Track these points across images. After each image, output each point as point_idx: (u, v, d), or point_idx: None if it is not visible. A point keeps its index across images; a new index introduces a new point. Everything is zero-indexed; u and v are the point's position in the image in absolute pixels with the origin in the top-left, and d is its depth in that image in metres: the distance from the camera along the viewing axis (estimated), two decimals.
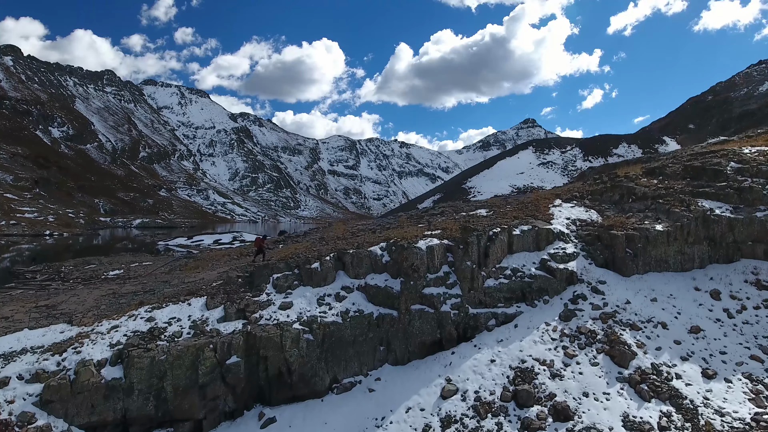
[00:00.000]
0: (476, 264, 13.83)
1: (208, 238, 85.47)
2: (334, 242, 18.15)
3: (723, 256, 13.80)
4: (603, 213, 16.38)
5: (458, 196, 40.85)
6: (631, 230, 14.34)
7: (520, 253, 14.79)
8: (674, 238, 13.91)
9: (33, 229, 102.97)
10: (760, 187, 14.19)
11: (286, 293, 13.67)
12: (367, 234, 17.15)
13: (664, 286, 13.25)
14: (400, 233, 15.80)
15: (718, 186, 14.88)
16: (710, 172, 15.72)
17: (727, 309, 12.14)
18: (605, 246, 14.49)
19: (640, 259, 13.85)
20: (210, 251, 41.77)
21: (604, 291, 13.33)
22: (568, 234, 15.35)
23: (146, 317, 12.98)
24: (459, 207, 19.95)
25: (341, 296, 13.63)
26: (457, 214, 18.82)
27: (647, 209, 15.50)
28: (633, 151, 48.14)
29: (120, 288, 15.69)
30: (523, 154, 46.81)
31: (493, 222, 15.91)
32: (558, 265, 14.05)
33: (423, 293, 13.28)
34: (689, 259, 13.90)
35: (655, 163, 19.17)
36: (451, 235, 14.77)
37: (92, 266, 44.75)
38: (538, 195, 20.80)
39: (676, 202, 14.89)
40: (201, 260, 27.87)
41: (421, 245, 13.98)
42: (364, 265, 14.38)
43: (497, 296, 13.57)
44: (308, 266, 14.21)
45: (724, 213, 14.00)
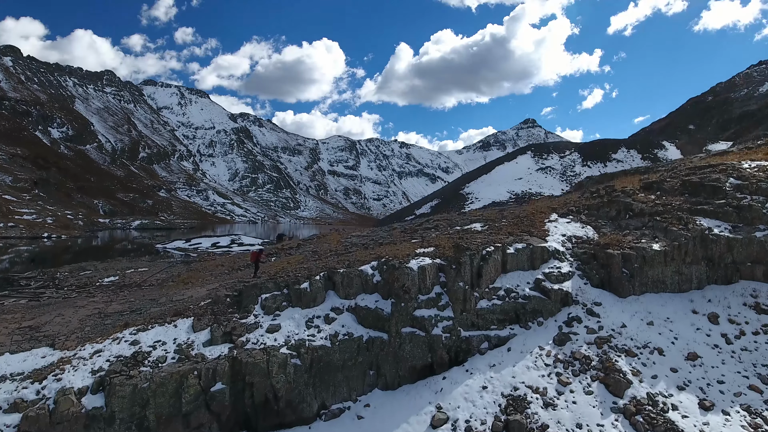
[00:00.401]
0: (469, 285, 13.52)
1: (206, 240, 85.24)
2: (326, 258, 17.86)
3: (721, 277, 13.49)
4: (599, 230, 16.06)
5: (456, 203, 40.53)
6: (627, 249, 14.03)
7: (515, 272, 14.48)
8: (671, 257, 13.59)
9: (31, 231, 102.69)
10: (760, 205, 13.86)
11: (274, 315, 13.36)
12: (359, 250, 16.84)
13: (660, 309, 12.93)
14: (392, 250, 15.50)
15: (717, 203, 14.56)
16: (709, 189, 15.39)
17: (726, 334, 11.83)
18: (601, 265, 14.18)
19: (637, 280, 13.54)
20: (205, 260, 41.42)
21: (600, 313, 13.02)
22: (563, 252, 15.04)
23: (130, 340, 12.68)
24: (454, 220, 19.64)
25: (331, 318, 13.33)
26: (452, 228, 18.52)
27: (644, 226, 15.18)
28: (632, 156, 47.76)
29: (106, 307, 15.41)
30: (522, 159, 46.43)
31: (487, 239, 15.60)
32: (553, 286, 13.74)
33: (414, 316, 12.98)
34: (687, 279, 13.59)
35: (653, 177, 18.84)
36: (443, 254, 14.47)
37: (87, 272, 44.50)
38: (534, 207, 20.49)
39: (674, 220, 14.57)
40: (194, 271, 27.58)
41: (413, 265, 13.68)
42: (355, 285, 14.07)
43: (490, 318, 13.26)
44: (297, 286, 13.90)
45: (722, 232, 13.68)
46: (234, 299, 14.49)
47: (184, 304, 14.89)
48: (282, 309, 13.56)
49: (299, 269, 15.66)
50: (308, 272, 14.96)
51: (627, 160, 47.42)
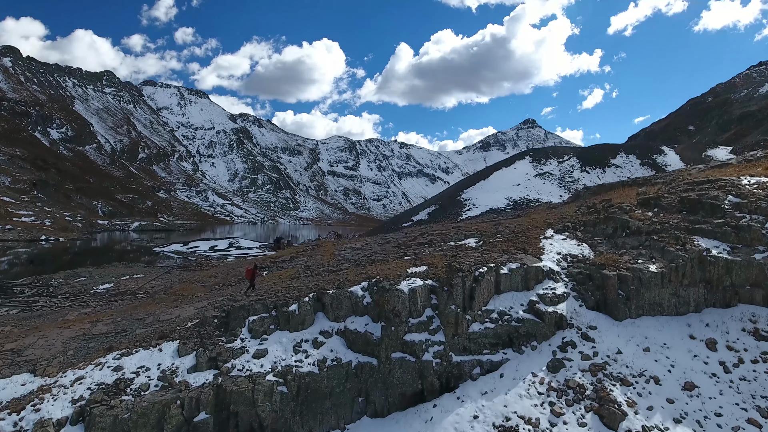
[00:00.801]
0: (461, 307, 13.20)
1: (204, 244, 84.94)
2: (318, 273, 17.55)
3: (720, 300, 13.16)
4: (595, 248, 15.74)
5: (453, 209, 40.21)
6: (623, 270, 13.71)
7: (508, 293, 14.16)
8: (669, 279, 13.27)
9: (29, 234, 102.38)
10: (759, 226, 13.54)
11: (261, 339, 13.04)
12: (350, 268, 16.53)
13: (657, 333, 12.61)
14: (383, 269, 15.19)
15: (716, 223, 14.23)
16: (707, 206, 15.06)
17: (724, 362, 11.50)
18: (597, 287, 13.86)
19: (633, 302, 13.22)
20: (199, 268, 41.05)
21: (595, 338, 12.70)
22: (558, 272, 14.72)
23: (113, 366, 12.37)
24: (448, 234, 19.32)
25: (319, 342, 13.01)
26: (445, 244, 18.20)
27: (641, 246, 14.85)
28: (631, 162, 47.39)
29: (91, 328, 15.09)
30: (520, 165, 46.09)
31: (480, 257, 15.28)
32: (547, 308, 13.42)
33: (404, 340, 12.66)
34: (684, 302, 13.26)
35: (651, 191, 18.50)
36: (435, 274, 14.15)
37: (82, 279, 44.23)
38: (530, 221, 20.17)
39: (671, 240, 14.25)
40: (186, 283, 27.26)
41: (404, 287, 13.37)
42: (344, 307, 13.75)
43: (483, 342, 12.94)
44: (286, 309, 13.58)
45: (721, 254, 13.36)
46: (221, 320, 14.17)
47: (170, 325, 14.58)
48: (269, 333, 13.24)
49: (289, 288, 15.34)
50: (297, 292, 14.64)
51: (626, 166, 47.04)
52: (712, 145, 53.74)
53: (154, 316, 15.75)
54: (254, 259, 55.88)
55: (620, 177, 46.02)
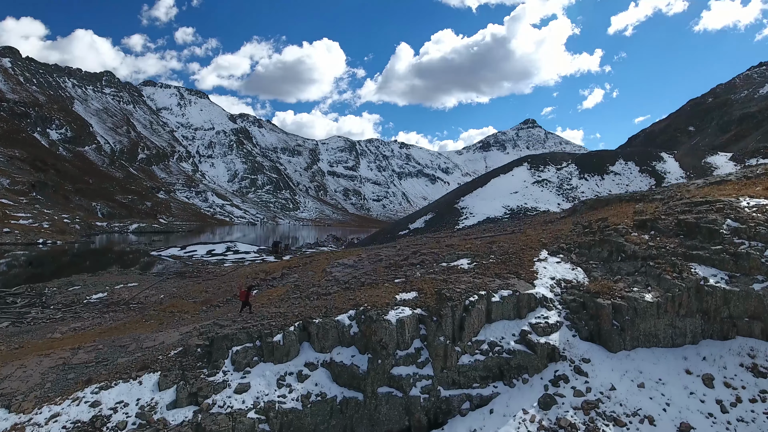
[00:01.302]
0: (450, 339, 12.80)
1: (201, 248, 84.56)
2: (307, 296, 17.16)
3: (717, 332, 12.76)
4: (590, 272, 15.33)
5: (450, 217, 39.79)
6: (618, 298, 13.30)
7: (500, 321, 13.76)
8: (665, 310, 12.87)
9: (26, 237, 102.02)
10: (758, 254, 13.12)
11: (244, 371, 12.64)
12: (339, 293, 16.12)
13: (652, 368, 12.21)
14: (371, 295, 14.80)
15: (713, 249, 13.81)
16: (705, 231, 14.65)
17: (721, 401, 11.09)
18: (591, 316, 13.45)
19: (628, 334, 12.82)
20: (194, 275, 40.48)
21: (588, 372, 12.30)
22: (551, 299, 14.31)
23: (91, 401, 11.99)
24: (440, 255, 18.91)
25: (304, 375, 12.61)
26: (437, 265, 17.82)
27: (636, 272, 14.45)
28: (630, 169, 46.91)
29: (72, 357, 14.69)
30: (518, 171, 45.65)
31: (472, 282, 14.88)
32: (539, 339, 13.02)
33: (391, 374, 12.26)
34: (681, 333, 12.86)
35: (649, 209, 18.08)
36: (425, 302, 13.76)
37: (76, 288, 43.83)
38: (526, 239, 19.77)
39: (668, 266, 13.84)
40: (177, 298, 26.85)
41: (392, 317, 12.97)
42: (331, 337, 13.36)
43: (472, 375, 12.54)
44: (270, 339, 13.18)
45: (718, 283, 12.95)
46: (205, 350, 13.78)
47: (153, 354, 14.20)
48: (253, 365, 12.84)
49: (275, 315, 14.94)
50: (283, 320, 14.25)
51: (625, 173, 46.59)
52: (712, 151, 53.25)
53: (137, 343, 15.36)
54: (250, 267, 55.44)
55: (619, 184, 45.64)
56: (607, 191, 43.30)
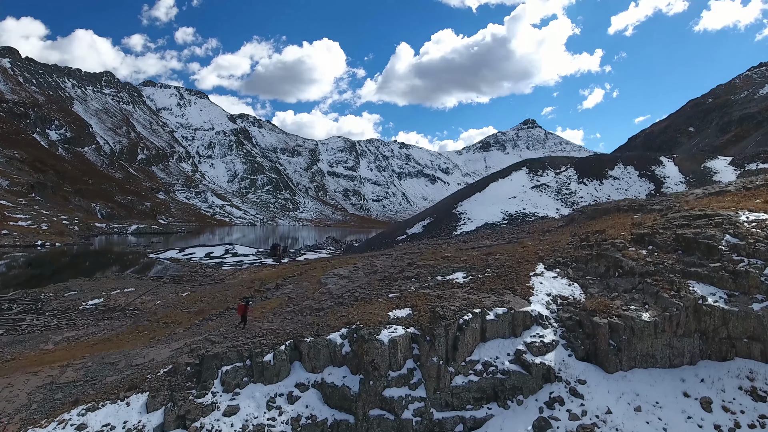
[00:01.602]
0: (444, 359, 12.57)
1: (200, 251, 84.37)
2: (300, 310, 16.93)
3: (716, 353, 12.52)
4: (587, 289, 15.10)
5: (448, 223, 39.55)
6: (615, 317, 13.07)
7: (494, 340, 13.52)
8: (662, 329, 12.63)
9: (25, 239, 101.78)
10: (757, 272, 12.88)
11: (233, 393, 12.41)
12: (333, 308, 15.90)
13: (649, 390, 11.97)
14: (365, 312, 14.57)
15: (712, 267, 13.57)
16: (703, 247, 14.41)
17: (719, 426, 10.87)
18: (587, 335, 13.22)
19: (625, 354, 12.58)
20: (190, 279, 40.12)
21: (584, 394, 12.06)
22: (547, 317, 14.08)
23: (77, 423, 11.77)
24: (436, 267, 18.68)
25: (294, 397, 12.38)
26: (433, 279, 17.59)
27: (634, 289, 14.21)
28: (629, 173, 46.63)
29: (60, 375, 14.45)
30: (516, 176, 45.39)
31: (466, 298, 14.66)
32: (534, 359, 12.78)
33: (383, 396, 12.03)
34: (678, 354, 12.62)
35: (647, 222, 17.85)
36: (418, 321, 13.53)
37: (72, 293, 43.58)
38: (523, 251, 19.54)
39: (666, 284, 13.61)
40: (171, 308, 26.61)
41: (384, 337, 12.74)
42: (323, 356, 13.13)
43: (466, 397, 12.31)
44: (260, 359, 12.95)
45: (717, 302, 12.71)
46: (194, 369, 13.54)
47: (142, 372, 13.96)
48: (242, 386, 12.61)
49: (267, 332, 14.70)
50: (275, 337, 14.02)
51: (624, 178, 46.30)
52: (711, 155, 53.01)
53: (126, 360, 15.12)
54: (248, 271, 55.14)
55: (618, 189, 45.42)
56: (606, 196, 43.08)
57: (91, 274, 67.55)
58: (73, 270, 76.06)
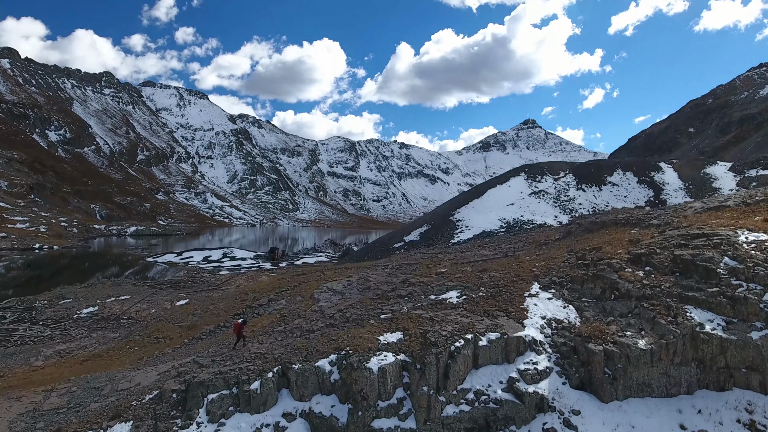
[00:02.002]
0: (434, 388, 12.26)
1: (198, 254, 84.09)
2: (291, 329, 16.62)
3: (713, 382, 12.20)
4: (582, 312, 14.78)
5: (445, 230, 39.23)
6: (611, 343, 12.76)
7: (487, 367, 13.21)
8: (659, 357, 12.32)
9: (23, 242, 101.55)
10: (756, 298, 12.56)
11: (218, 423, 12.10)
12: (323, 330, 15.58)
13: (645, 421, 11.66)
14: (355, 336, 14.26)
15: (710, 292, 13.26)
16: (701, 270, 14.09)
17: None
18: (582, 362, 12.91)
19: (620, 383, 12.27)
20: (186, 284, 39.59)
21: (578, 425, 11.75)
22: (541, 341, 13.76)
23: None
24: (430, 286, 18.37)
25: (281, 427, 12.07)
26: (426, 298, 17.28)
27: (630, 313, 13.90)
28: (628, 179, 46.29)
29: (43, 401, 14.15)
30: (515, 182, 45.07)
31: (459, 322, 14.34)
32: (527, 388, 12.47)
33: (372, 427, 11.73)
34: (675, 383, 12.31)
35: (644, 239, 17.54)
36: (409, 346, 13.22)
37: (67, 301, 43.33)
38: (518, 267, 19.24)
39: (663, 309, 13.29)
40: (162, 322, 26.30)
41: (373, 365, 12.43)
42: (311, 384, 12.82)
43: (457, 427, 11.99)
44: (247, 387, 12.64)
45: (715, 330, 12.39)
46: (180, 395, 13.24)
47: (127, 398, 13.65)
48: (228, 416, 12.30)
49: (255, 356, 14.38)
50: (263, 362, 13.71)
51: (623, 184, 45.97)
52: (711, 161, 52.65)
53: (112, 384, 14.82)
54: (244, 277, 54.82)
55: (617, 196, 45.07)
56: (605, 203, 42.76)
57: (88, 277, 67.35)
58: (71, 271, 75.83)
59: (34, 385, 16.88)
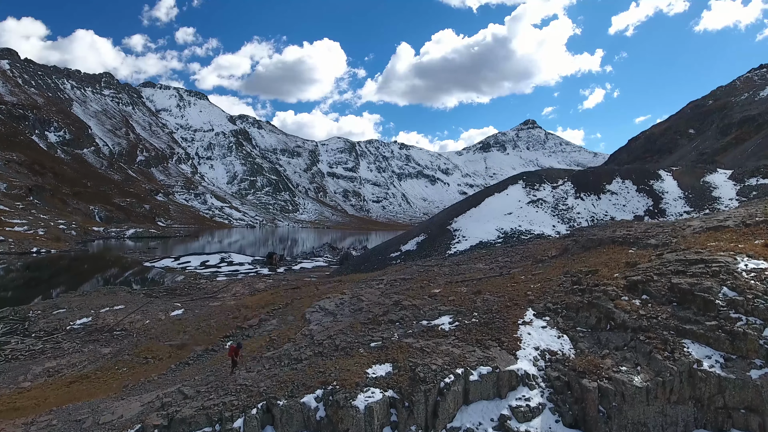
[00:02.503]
0: (423, 428, 11.89)
1: (195, 259, 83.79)
2: (278, 359, 16.24)
3: (711, 422, 11.81)
4: (576, 342, 14.39)
5: (442, 240, 38.85)
6: (605, 379, 12.37)
7: (478, 402, 12.82)
8: (655, 396, 11.92)
9: (20, 246, 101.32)
10: (756, 334, 12.17)
11: None
12: (311, 359, 15.19)
13: None
14: (342, 368, 13.87)
15: (708, 326, 12.86)
16: (699, 301, 13.69)
17: None
18: (576, 399, 12.52)
19: (615, 422, 11.87)
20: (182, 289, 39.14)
21: None
22: (534, 375, 13.37)
23: None
24: (422, 310, 17.98)
25: None
26: (417, 324, 16.89)
27: (626, 346, 13.50)
28: (627, 188, 45.86)
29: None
30: (512, 190, 44.65)
31: (450, 353, 13.96)
32: (519, 426, 12.08)
33: None
34: (672, 422, 11.91)
35: (641, 265, 17.14)
36: (397, 381, 12.85)
37: (61, 311, 43.03)
38: (512, 288, 18.86)
39: (659, 343, 12.90)
40: (153, 340, 25.91)
41: (360, 402, 12.05)
42: (296, 421, 12.43)
43: None
44: (230, 426, 12.26)
45: (713, 368, 11.99)
46: (162, 431, 12.87)
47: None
48: None
49: (241, 389, 13.99)
50: (247, 396, 13.31)
51: (621, 193, 45.54)
52: (711, 168, 52.22)
53: (94, 416, 14.43)
54: (240, 284, 54.43)
55: (615, 205, 44.65)
56: (604, 212, 42.31)
57: (84, 282, 66.96)
58: (68, 274, 75.46)
59: (17, 412, 16.54)
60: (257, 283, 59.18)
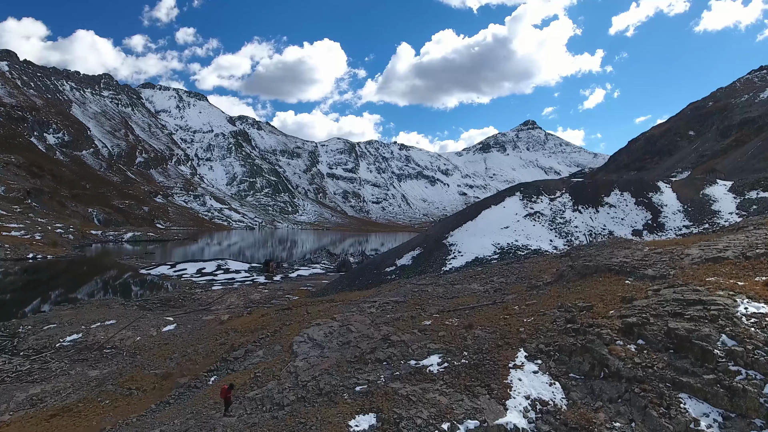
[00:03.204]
0: None
1: (192, 266, 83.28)
2: (261, 402, 15.68)
3: None
4: (569, 392, 13.80)
5: (438, 255, 38.30)
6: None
7: None
8: None
9: (16, 251, 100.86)
10: (756, 391, 11.57)
11: None
12: (292, 410, 14.60)
13: None
14: (324, 421, 13.31)
15: (706, 379, 12.26)
16: (697, 351, 13.10)
17: None
18: None
19: None
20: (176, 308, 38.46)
21: None
22: (524, 429, 12.78)
23: None
24: (411, 348, 17.40)
25: None
26: (405, 364, 16.33)
27: (620, 398, 12.91)
28: (626, 200, 45.24)
29: None
30: (510, 202, 44.05)
31: (437, 402, 13.39)
32: None
33: None
34: None
35: (637, 302, 16.54)
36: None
37: (52, 326, 42.51)
38: (505, 325, 18.28)
39: (655, 396, 12.31)
40: (138, 368, 25.31)
41: None
42: None
43: None
44: None
45: (710, 428, 11.40)
46: None
47: None
48: None
49: None
50: None
51: (620, 205, 44.92)
52: (710, 179, 51.57)
53: None
54: (236, 294, 53.91)
55: (614, 218, 44.03)
56: (602, 226, 41.66)
57: (77, 291, 66.41)
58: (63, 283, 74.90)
59: None
60: (252, 293, 58.60)
